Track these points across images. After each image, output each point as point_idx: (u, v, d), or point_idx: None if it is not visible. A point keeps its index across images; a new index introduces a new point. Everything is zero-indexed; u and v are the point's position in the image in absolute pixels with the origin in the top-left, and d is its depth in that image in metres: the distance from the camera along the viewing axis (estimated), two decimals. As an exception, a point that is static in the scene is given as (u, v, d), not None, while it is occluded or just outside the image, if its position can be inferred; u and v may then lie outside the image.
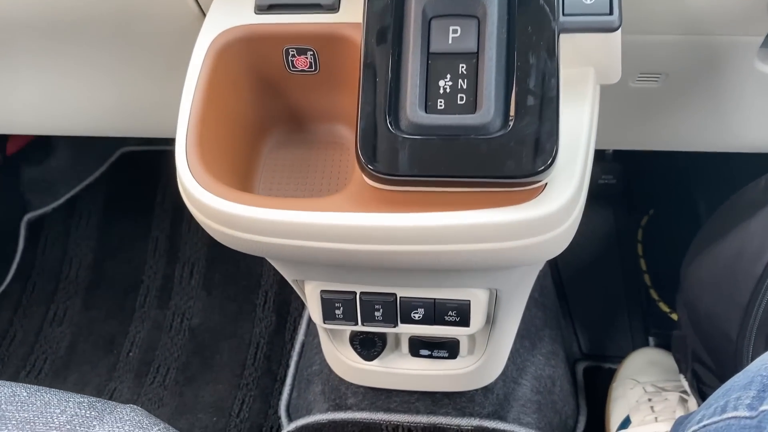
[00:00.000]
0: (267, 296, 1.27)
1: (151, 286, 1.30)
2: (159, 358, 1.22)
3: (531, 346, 0.99)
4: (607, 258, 1.24)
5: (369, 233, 0.49)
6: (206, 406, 1.15)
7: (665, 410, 0.97)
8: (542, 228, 0.48)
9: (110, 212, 1.39)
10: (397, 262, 0.52)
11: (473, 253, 0.49)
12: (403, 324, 0.68)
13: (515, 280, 0.63)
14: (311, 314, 0.70)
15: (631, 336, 1.18)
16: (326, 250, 0.51)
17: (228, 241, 0.53)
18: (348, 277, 0.63)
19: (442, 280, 0.62)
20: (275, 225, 0.50)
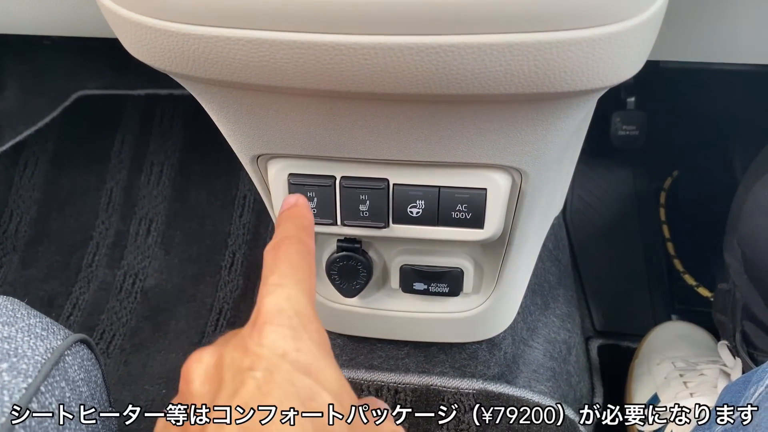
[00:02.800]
0: (234, 257, 1.10)
1: (102, 243, 1.13)
2: (104, 323, 1.04)
3: (543, 305, 0.83)
4: (626, 224, 1.09)
5: (357, 11, 0.33)
6: (154, 377, 0.97)
7: (702, 386, 0.81)
8: (613, 11, 0.33)
9: (60, 161, 1.22)
10: (399, 76, 0.36)
11: (511, 47, 0.33)
12: (396, 224, 0.52)
13: (546, 157, 0.47)
14: (275, 211, 0.54)
15: (653, 312, 1.03)
16: (291, 56, 0.35)
17: (144, 40, 0.37)
18: (325, 146, 0.47)
19: (452, 148, 0.46)
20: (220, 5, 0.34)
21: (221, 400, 0.30)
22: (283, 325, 0.32)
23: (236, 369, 0.31)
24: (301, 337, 0.32)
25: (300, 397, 0.30)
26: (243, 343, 0.32)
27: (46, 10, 0.72)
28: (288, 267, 0.35)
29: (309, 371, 0.31)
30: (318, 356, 0.32)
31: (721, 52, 0.68)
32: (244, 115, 0.44)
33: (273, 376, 0.30)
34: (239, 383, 0.30)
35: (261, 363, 0.30)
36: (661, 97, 1.09)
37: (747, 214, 0.67)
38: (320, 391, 0.31)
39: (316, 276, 0.40)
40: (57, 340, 0.36)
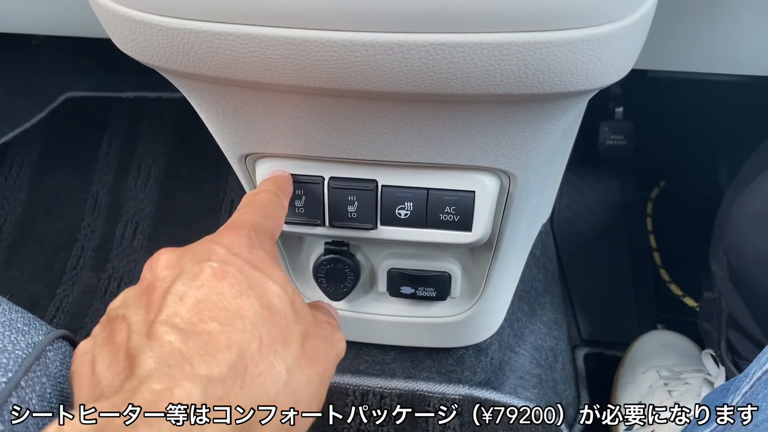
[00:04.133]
0: (221, 262, 1.09)
1: (87, 245, 1.12)
2: (88, 326, 1.03)
3: (530, 311, 0.83)
4: (612, 233, 1.10)
5: (346, 7, 0.33)
6: (138, 381, 0.96)
7: (686, 395, 0.81)
8: (603, 12, 0.33)
9: (47, 162, 1.21)
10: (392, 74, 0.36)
11: (500, 46, 0.34)
12: (384, 226, 0.52)
13: (534, 160, 0.47)
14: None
15: (638, 321, 1.03)
16: (280, 52, 0.35)
17: (133, 34, 0.37)
18: (314, 146, 0.47)
19: (440, 150, 0.45)
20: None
21: (180, 282, 0.33)
22: (241, 235, 0.37)
23: (196, 260, 0.35)
24: (255, 245, 0.37)
25: (249, 283, 0.34)
26: (204, 242, 0.37)
27: (34, 8, 0.71)
28: (259, 205, 0.43)
29: (258, 267, 0.35)
30: (267, 260, 0.36)
31: (709, 62, 0.69)
32: (232, 112, 0.44)
33: (227, 266, 0.34)
34: (198, 270, 0.34)
35: (217, 256, 0.35)
36: (649, 108, 1.10)
37: (732, 223, 0.68)
38: (267, 280, 0.35)
39: (281, 228, 0.44)
40: (38, 336, 0.36)
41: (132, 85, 1.27)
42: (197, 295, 0.33)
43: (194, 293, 0.33)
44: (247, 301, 0.33)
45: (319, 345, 0.37)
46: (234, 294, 0.33)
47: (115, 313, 0.35)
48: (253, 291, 0.34)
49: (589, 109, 0.57)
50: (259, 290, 0.34)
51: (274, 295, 0.35)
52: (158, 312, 0.32)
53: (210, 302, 0.33)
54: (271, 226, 0.42)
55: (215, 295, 0.33)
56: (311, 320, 0.37)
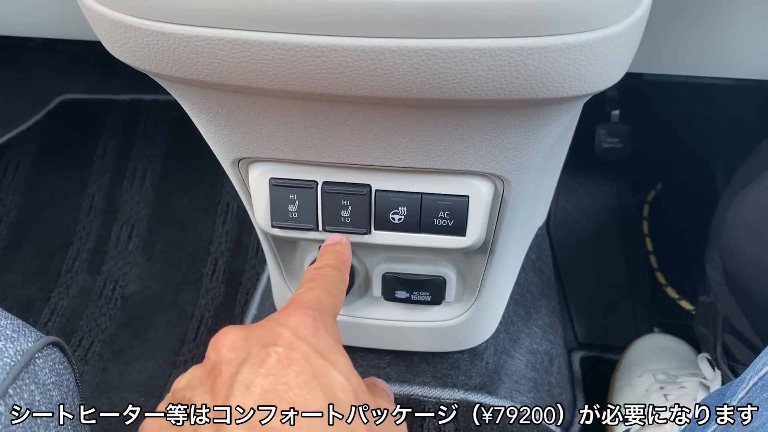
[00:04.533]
0: (216, 265, 1.09)
1: (82, 248, 1.12)
2: (83, 329, 1.03)
3: (526, 315, 0.83)
4: (609, 236, 1.10)
5: (338, 13, 0.32)
6: (133, 385, 0.96)
7: (682, 398, 0.81)
8: (597, 17, 0.33)
9: (42, 165, 1.21)
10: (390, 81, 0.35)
11: (493, 51, 0.33)
12: (378, 231, 0.52)
13: (528, 165, 0.47)
14: (256, 217, 0.53)
15: (635, 325, 1.03)
16: (272, 57, 0.35)
17: (124, 39, 0.36)
18: (307, 150, 0.46)
19: (434, 154, 0.45)
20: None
21: (246, 368, 0.33)
22: (306, 315, 0.37)
23: (261, 343, 0.35)
24: (319, 327, 0.37)
25: (314, 373, 0.34)
26: (269, 323, 0.37)
27: (30, 11, 0.71)
28: (323, 281, 0.43)
29: (323, 354, 0.35)
30: (331, 344, 0.36)
31: (704, 66, 0.69)
32: (224, 117, 0.44)
33: (292, 352, 0.34)
34: (264, 355, 0.34)
35: (283, 340, 0.35)
36: (646, 111, 1.10)
37: (728, 227, 0.67)
38: (331, 369, 0.34)
39: (342, 304, 0.44)
40: (28, 343, 0.35)
41: (128, 88, 1.27)
42: (264, 385, 0.32)
43: (261, 382, 0.33)
44: (311, 393, 0.33)
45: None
46: (299, 384, 0.33)
47: (181, 394, 0.35)
48: (318, 381, 0.34)
49: (585, 112, 0.57)
50: (323, 380, 0.34)
51: (338, 387, 0.34)
52: (225, 401, 0.32)
53: (276, 393, 0.32)
54: (334, 303, 0.42)
55: (281, 386, 0.33)
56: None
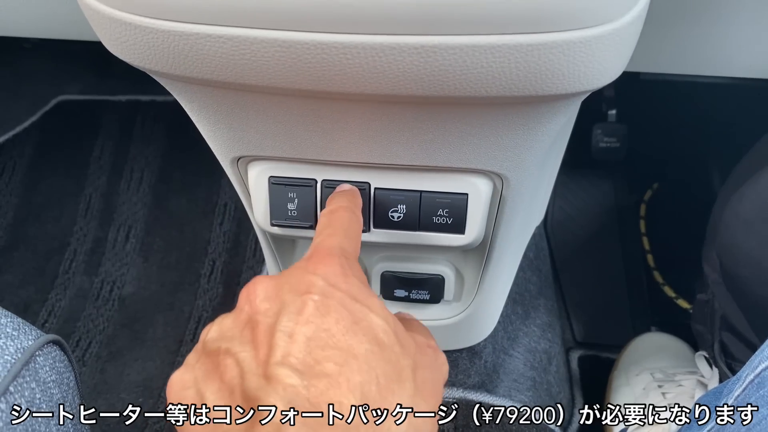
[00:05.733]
0: (214, 265, 1.09)
1: (79, 249, 1.12)
2: (80, 330, 1.03)
3: (524, 314, 0.83)
4: (606, 236, 1.10)
5: (338, 10, 0.33)
6: (131, 386, 0.96)
7: (680, 397, 0.81)
8: (595, 14, 0.33)
9: (39, 166, 1.21)
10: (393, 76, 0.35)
11: (492, 48, 0.33)
12: (377, 228, 0.52)
13: (527, 163, 0.47)
14: (255, 215, 0.53)
15: (632, 324, 1.03)
16: (271, 54, 0.35)
17: (124, 37, 0.36)
18: (306, 148, 0.46)
19: (433, 152, 0.45)
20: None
21: (285, 317, 0.33)
22: (334, 263, 0.36)
23: (296, 292, 0.34)
24: (348, 273, 0.36)
25: (353, 318, 0.33)
26: (298, 272, 0.36)
27: (25, 11, 0.71)
28: (340, 225, 0.42)
29: (357, 299, 0.35)
30: (362, 289, 0.36)
31: (701, 64, 0.69)
32: (224, 115, 0.44)
33: (328, 300, 0.34)
34: (301, 304, 0.33)
35: (317, 288, 0.34)
36: (642, 110, 1.10)
37: (725, 225, 0.68)
38: (369, 313, 0.34)
39: (360, 245, 0.43)
40: (28, 341, 0.35)
41: (125, 89, 1.26)
42: (306, 333, 0.32)
43: (303, 330, 0.32)
44: (355, 337, 0.33)
45: (428, 375, 0.36)
46: (341, 330, 0.33)
47: (216, 345, 0.34)
48: (359, 326, 0.33)
49: (582, 112, 0.57)
50: (363, 325, 0.34)
51: (379, 329, 0.34)
52: (270, 351, 0.32)
53: (320, 340, 0.32)
54: (354, 246, 0.41)
55: (323, 332, 0.32)
56: (415, 349, 0.36)
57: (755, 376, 0.49)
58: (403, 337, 0.35)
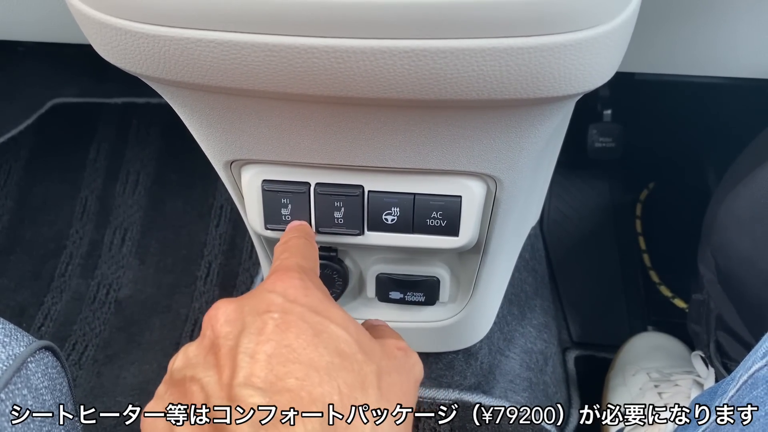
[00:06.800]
0: (210, 268, 1.09)
1: (75, 252, 1.11)
2: (77, 333, 1.02)
3: (520, 315, 0.83)
4: (602, 235, 1.10)
5: (328, 14, 0.33)
6: (128, 389, 0.95)
7: (676, 396, 0.81)
8: (586, 16, 0.33)
9: (34, 169, 1.20)
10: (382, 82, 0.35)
11: (483, 52, 0.33)
12: (371, 231, 0.52)
13: (520, 165, 0.47)
14: (249, 219, 0.53)
15: (629, 323, 1.03)
16: (262, 58, 0.35)
17: (114, 42, 0.36)
18: (299, 152, 0.46)
19: (426, 155, 0.45)
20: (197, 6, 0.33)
21: (246, 338, 0.33)
22: (293, 278, 0.37)
23: (255, 312, 0.35)
24: (308, 286, 0.37)
25: (313, 331, 0.34)
26: (258, 293, 0.36)
27: (19, 15, 0.71)
28: (296, 248, 0.43)
29: (317, 311, 0.35)
30: (323, 300, 0.36)
31: (695, 65, 0.69)
32: (216, 119, 0.44)
33: (288, 315, 0.34)
34: (261, 324, 0.34)
35: (276, 306, 0.35)
36: (638, 110, 1.10)
37: (720, 225, 0.68)
38: (330, 324, 0.35)
39: (318, 268, 0.44)
40: (20, 347, 0.35)
41: (120, 91, 1.26)
42: (267, 351, 0.32)
43: (264, 348, 0.32)
44: (316, 350, 0.33)
45: (396, 379, 0.36)
46: (302, 345, 0.33)
47: (182, 374, 0.34)
48: (320, 339, 0.34)
49: (577, 112, 0.57)
50: (324, 337, 0.34)
51: (340, 340, 0.34)
52: (233, 373, 0.32)
53: (281, 356, 0.32)
54: (313, 265, 0.42)
55: (284, 348, 0.32)
56: (381, 354, 0.36)
57: (749, 377, 0.49)
58: (367, 344, 0.36)
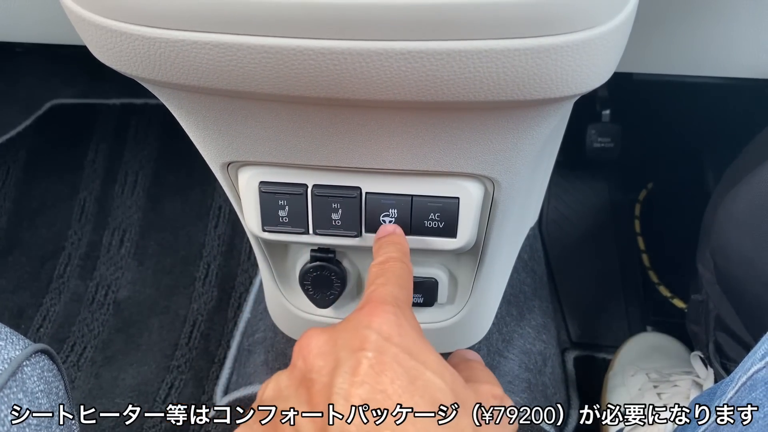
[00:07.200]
0: (209, 269, 1.09)
1: (74, 254, 1.11)
2: (75, 335, 1.02)
3: (519, 315, 0.83)
4: (601, 236, 1.10)
5: (324, 15, 0.32)
6: (126, 390, 0.95)
7: (675, 397, 0.81)
8: (583, 18, 0.33)
9: (33, 170, 1.20)
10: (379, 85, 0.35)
11: (479, 53, 0.33)
12: (369, 233, 0.52)
13: (518, 166, 0.47)
14: (246, 221, 0.53)
15: (628, 324, 1.03)
16: (258, 60, 0.35)
17: (110, 44, 0.36)
18: (296, 154, 0.46)
19: (423, 157, 0.45)
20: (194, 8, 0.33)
21: (340, 377, 0.32)
22: (387, 312, 0.36)
23: (349, 348, 0.34)
24: (402, 324, 0.36)
25: (409, 377, 0.33)
26: (352, 326, 0.35)
27: (16, 16, 0.71)
28: (392, 275, 0.42)
29: (412, 354, 0.34)
30: (417, 341, 0.35)
31: (692, 65, 0.69)
32: (213, 121, 0.44)
33: (383, 356, 0.33)
34: (355, 363, 0.33)
35: (371, 344, 0.34)
36: (636, 110, 1.10)
37: (719, 225, 0.68)
38: (425, 371, 0.34)
39: (412, 295, 0.43)
40: (15, 351, 0.35)
41: (118, 92, 1.26)
42: (361, 395, 0.32)
43: (358, 392, 0.32)
44: (411, 399, 0.32)
45: (492, 430, 0.36)
46: (397, 392, 0.32)
47: (273, 405, 0.34)
48: (415, 387, 0.33)
49: (575, 112, 0.57)
50: (419, 384, 0.33)
51: (435, 388, 0.33)
52: (327, 416, 0.31)
53: (376, 402, 0.31)
54: (407, 295, 0.41)
55: (379, 394, 0.32)
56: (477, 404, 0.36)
57: (747, 379, 0.49)
58: (462, 393, 0.35)
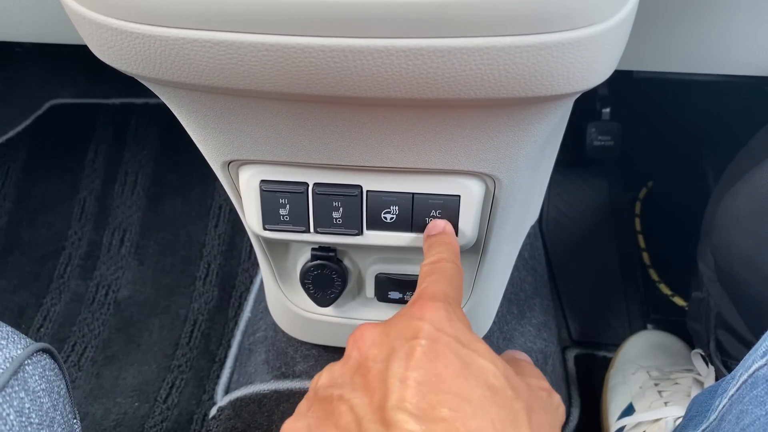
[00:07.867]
0: (209, 268, 1.09)
1: (74, 253, 1.11)
2: (76, 335, 1.02)
3: (520, 314, 0.83)
4: (601, 234, 1.10)
5: (325, 13, 0.32)
6: (127, 390, 0.95)
7: (676, 395, 0.81)
8: (584, 15, 0.33)
9: (32, 170, 1.20)
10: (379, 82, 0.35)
11: (480, 50, 0.33)
12: (370, 231, 0.52)
13: (519, 164, 0.47)
14: (247, 220, 0.53)
15: (628, 322, 1.03)
16: (258, 58, 0.35)
17: (110, 42, 0.36)
18: (297, 152, 0.46)
19: (424, 154, 0.45)
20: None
21: (395, 363, 0.33)
22: (439, 307, 0.37)
23: (403, 338, 0.35)
24: (452, 317, 0.37)
25: (462, 362, 0.33)
26: (404, 319, 0.36)
27: (16, 16, 0.71)
28: (443, 274, 0.43)
29: (464, 343, 0.35)
30: (468, 334, 0.36)
31: (693, 62, 0.69)
32: (213, 119, 0.44)
33: (436, 344, 0.34)
34: (409, 350, 0.34)
35: (424, 333, 0.35)
36: (636, 108, 1.10)
37: (719, 223, 0.68)
38: (478, 357, 0.34)
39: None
40: (17, 350, 0.35)
41: (118, 92, 1.26)
42: (417, 378, 0.32)
43: (413, 375, 0.32)
44: (466, 382, 0.32)
45: (544, 418, 0.36)
46: (451, 375, 0.32)
47: (328, 392, 0.34)
48: (469, 371, 0.33)
49: (575, 110, 0.57)
50: (473, 369, 0.33)
51: (489, 373, 0.34)
52: (384, 396, 0.32)
53: (432, 384, 0.32)
54: (458, 293, 0.42)
55: (434, 377, 0.32)
56: (528, 392, 0.36)
57: (749, 376, 0.49)
58: (514, 380, 0.35)
